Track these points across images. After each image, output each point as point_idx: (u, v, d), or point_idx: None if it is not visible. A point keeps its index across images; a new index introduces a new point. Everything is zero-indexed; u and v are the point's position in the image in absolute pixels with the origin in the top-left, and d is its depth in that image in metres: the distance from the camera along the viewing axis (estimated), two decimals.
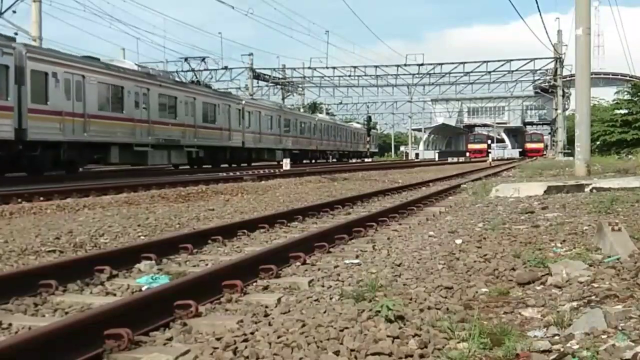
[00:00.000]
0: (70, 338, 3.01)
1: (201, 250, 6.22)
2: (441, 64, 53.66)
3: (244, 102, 34.16)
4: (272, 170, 25.49)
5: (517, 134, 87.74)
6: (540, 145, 77.11)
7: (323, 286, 4.51)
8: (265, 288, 4.57)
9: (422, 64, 52.60)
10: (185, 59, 34.16)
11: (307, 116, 49.71)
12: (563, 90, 53.54)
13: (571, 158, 28.71)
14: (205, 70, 49.13)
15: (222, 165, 30.08)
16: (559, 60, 51.22)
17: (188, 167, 28.13)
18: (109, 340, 3.12)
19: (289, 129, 41.32)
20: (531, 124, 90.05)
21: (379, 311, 3.25)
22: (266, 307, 3.91)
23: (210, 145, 28.54)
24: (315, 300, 3.96)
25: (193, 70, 34.18)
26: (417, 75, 55.07)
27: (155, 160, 24.93)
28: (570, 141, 39.00)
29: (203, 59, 34.87)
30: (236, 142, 31.63)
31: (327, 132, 51.83)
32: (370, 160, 59.38)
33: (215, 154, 29.67)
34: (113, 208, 10.49)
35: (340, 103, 71.39)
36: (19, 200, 11.25)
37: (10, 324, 3.64)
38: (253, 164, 34.68)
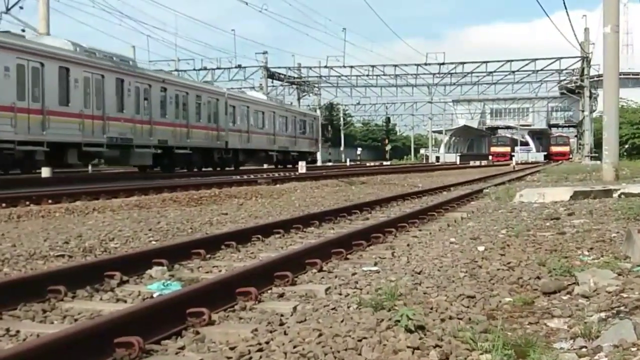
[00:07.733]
0: (79, 346, 2.95)
1: (214, 256, 6.11)
2: (463, 64, 53.13)
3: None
4: (287, 173, 25.87)
5: (541, 137, 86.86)
6: (566, 149, 76.18)
7: (340, 294, 4.41)
8: (281, 296, 4.48)
9: (443, 63, 52.00)
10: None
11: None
12: (590, 91, 52.74)
13: (598, 162, 28.35)
14: (218, 68, 49.31)
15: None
16: (585, 59, 50.42)
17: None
18: (119, 349, 3.06)
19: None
20: (556, 126, 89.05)
21: (399, 321, 3.20)
22: (281, 315, 3.83)
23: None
24: (332, 309, 3.87)
25: (206, 68, 37.82)
26: (438, 75, 54.59)
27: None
28: (598, 144, 38.47)
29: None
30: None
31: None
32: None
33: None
34: (123, 211, 10.41)
35: (358, 104, 70.80)
36: (27, 203, 11.12)
37: (18, 331, 3.58)
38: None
